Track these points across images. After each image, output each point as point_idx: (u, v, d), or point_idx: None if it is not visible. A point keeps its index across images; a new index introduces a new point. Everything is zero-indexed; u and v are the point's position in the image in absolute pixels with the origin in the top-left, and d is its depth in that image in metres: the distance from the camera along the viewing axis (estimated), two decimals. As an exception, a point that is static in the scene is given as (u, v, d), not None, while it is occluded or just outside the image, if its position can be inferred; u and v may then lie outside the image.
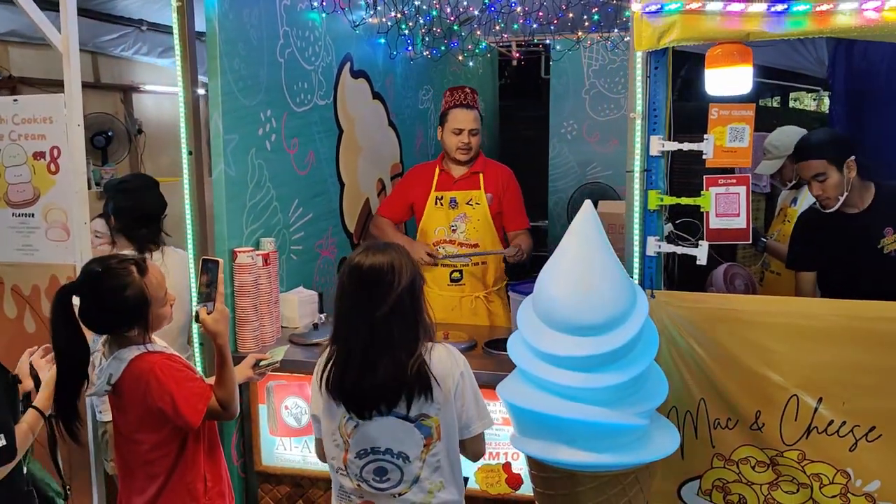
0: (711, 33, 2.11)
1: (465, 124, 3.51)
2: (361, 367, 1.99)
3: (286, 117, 3.35)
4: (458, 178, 3.59)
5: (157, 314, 2.16)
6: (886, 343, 2.29)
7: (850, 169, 2.85)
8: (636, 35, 2.22)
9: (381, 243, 2.09)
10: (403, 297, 1.98)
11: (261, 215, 3.16)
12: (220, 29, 2.85)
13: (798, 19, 1.99)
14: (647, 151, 2.43)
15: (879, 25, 1.92)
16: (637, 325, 2.12)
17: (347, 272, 2.03)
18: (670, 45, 2.16)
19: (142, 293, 2.10)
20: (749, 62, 2.12)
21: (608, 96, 6.52)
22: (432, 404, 2.02)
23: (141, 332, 2.13)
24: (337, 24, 3.80)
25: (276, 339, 3.12)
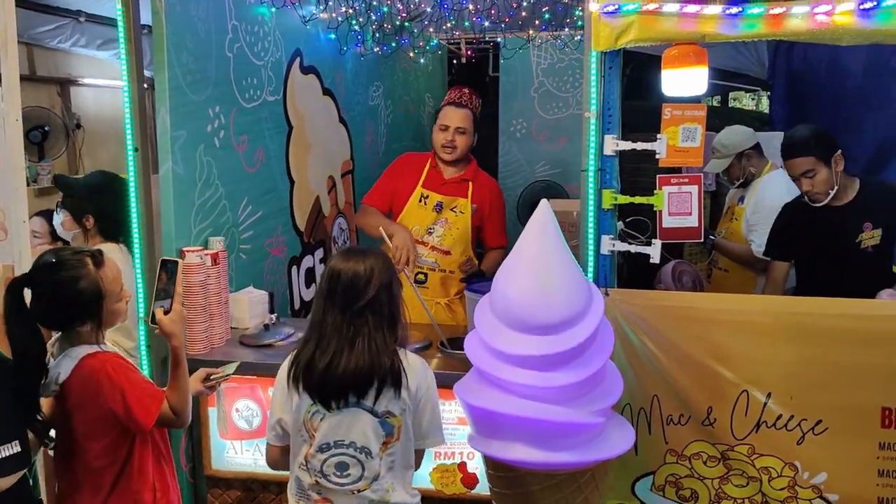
0: (668, 34, 2.14)
1: (451, 122, 3.39)
2: (334, 354, 2.00)
3: (235, 113, 3.28)
4: (447, 179, 3.46)
5: (111, 309, 2.09)
6: (831, 339, 2.35)
7: (837, 163, 2.95)
8: (594, 35, 2.23)
9: (361, 248, 2.13)
10: (380, 293, 2.02)
11: (209, 214, 3.09)
12: (167, 21, 2.77)
13: (752, 22, 2.03)
14: (600, 151, 2.44)
15: (830, 29, 1.97)
16: (593, 324, 2.13)
17: (327, 276, 2.06)
18: (627, 45, 2.18)
19: (96, 286, 2.03)
20: (704, 63, 2.15)
21: (557, 95, 6.57)
22: (399, 402, 2.03)
23: (93, 328, 2.06)
24: (287, 18, 3.73)
25: (225, 340, 3.05)
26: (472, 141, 3.45)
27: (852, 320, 2.34)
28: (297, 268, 3.98)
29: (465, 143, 3.40)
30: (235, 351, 2.98)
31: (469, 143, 3.43)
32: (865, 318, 2.34)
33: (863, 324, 2.34)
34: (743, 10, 2.02)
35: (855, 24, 1.93)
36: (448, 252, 3.43)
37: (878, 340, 2.31)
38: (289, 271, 3.89)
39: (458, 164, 3.47)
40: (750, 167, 3.62)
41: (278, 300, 3.73)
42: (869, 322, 2.34)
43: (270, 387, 2.85)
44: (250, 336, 3.06)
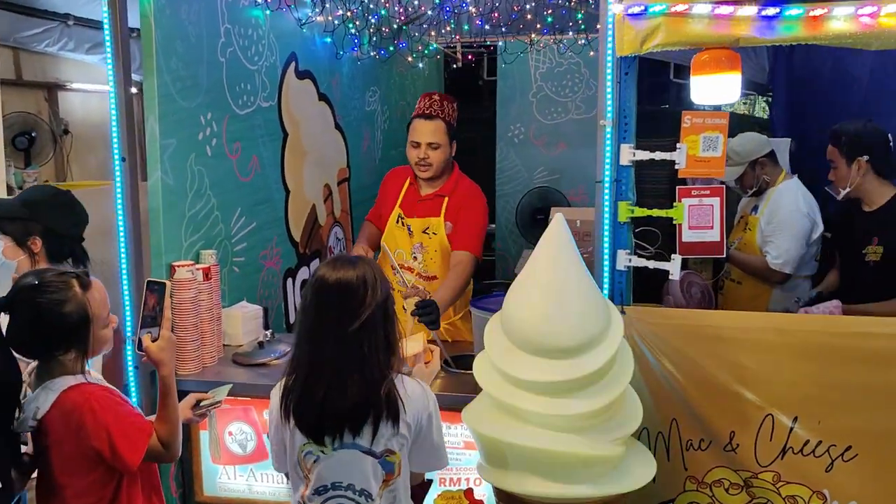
0: (698, 38, 2.00)
1: (422, 137, 3.13)
2: (328, 387, 1.84)
3: (228, 120, 3.14)
4: (423, 197, 3.23)
5: (97, 336, 1.94)
6: (861, 359, 2.22)
7: (859, 167, 2.92)
8: (617, 38, 2.10)
9: (349, 256, 1.95)
10: (376, 313, 1.84)
11: (201, 226, 2.94)
12: (156, 25, 2.63)
13: (790, 24, 1.90)
14: (616, 161, 2.30)
15: (875, 32, 1.84)
16: (613, 347, 2.00)
17: (313, 287, 1.88)
18: (654, 49, 2.04)
19: (83, 310, 1.88)
20: (738, 69, 2.02)
21: (555, 99, 6.44)
22: (398, 438, 1.88)
23: (78, 357, 1.91)
24: (281, 21, 3.59)
25: (217, 358, 2.90)
26: (450, 152, 3.20)
27: (884, 339, 2.21)
28: (293, 280, 3.83)
29: (440, 157, 3.14)
30: (228, 370, 2.84)
31: (445, 155, 3.17)
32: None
33: (895, 343, 2.21)
34: (781, 11, 1.89)
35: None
36: (434, 277, 3.21)
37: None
38: (284, 284, 3.74)
39: (439, 179, 3.23)
40: (764, 175, 3.50)
41: (273, 314, 3.58)
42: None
43: (265, 409, 2.71)
44: (244, 354, 2.91)
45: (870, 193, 2.99)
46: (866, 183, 2.97)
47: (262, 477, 2.74)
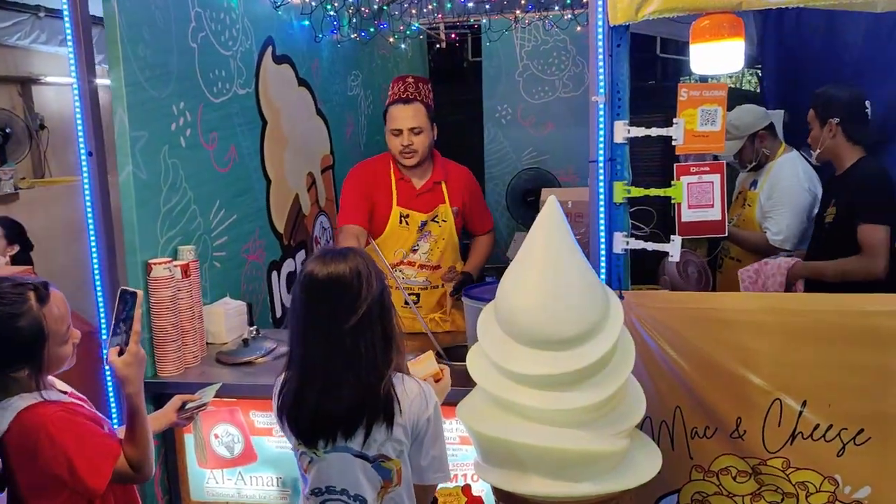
0: (698, 2, 1.87)
1: (403, 123, 3.00)
2: (322, 390, 1.74)
3: (202, 109, 3.00)
4: (419, 190, 3.10)
5: (54, 353, 1.80)
6: (873, 339, 2.12)
7: (830, 129, 2.91)
8: (610, 6, 1.97)
9: (339, 248, 1.82)
10: (372, 308, 1.73)
11: (177, 221, 2.81)
12: (119, 11, 2.48)
13: (796, -15, 1.78)
14: (610, 139, 2.18)
15: (888, -9, 1.73)
16: (613, 335, 1.89)
17: (302, 284, 1.76)
18: (651, 16, 1.91)
19: (38, 326, 1.75)
20: (741, 35, 1.90)
21: (542, 78, 6.31)
22: (392, 442, 1.78)
23: (32, 375, 1.77)
24: (256, 4, 3.45)
25: (201, 358, 2.78)
26: (433, 136, 3.07)
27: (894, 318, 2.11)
28: (278, 273, 3.71)
29: (424, 142, 3.02)
30: (212, 370, 2.73)
31: (429, 140, 3.05)
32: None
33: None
34: (785, -30, 1.77)
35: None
36: (437, 266, 3.14)
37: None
38: (268, 277, 3.62)
39: (424, 165, 3.11)
40: (763, 149, 3.40)
41: (258, 309, 3.47)
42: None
43: (252, 409, 2.61)
44: (228, 353, 2.80)
45: (839, 157, 2.96)
46: (837, 147, 2.94)
47: (251, 480, 2.64)
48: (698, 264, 3.75)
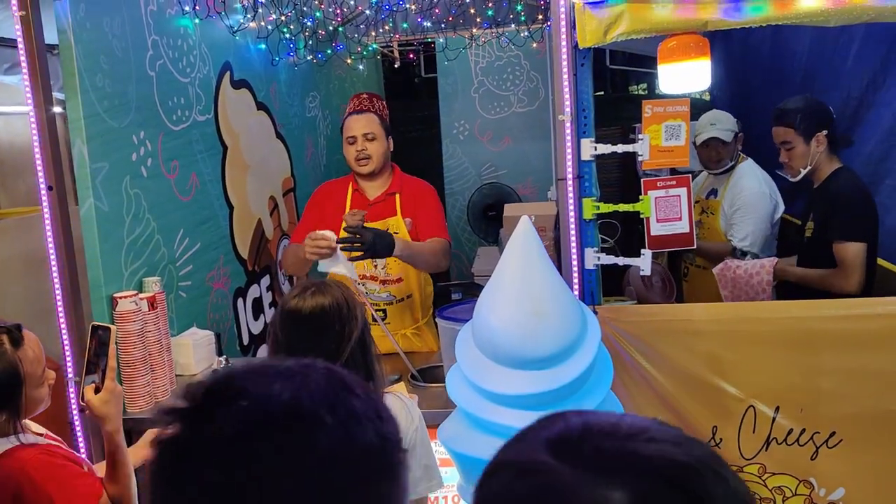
0: (664, 23, 1.91)
1: (356, 130, 2.99)
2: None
3: (162, 137, 2.96)
4: (373, 200, 3.07)
5: (31, 396, 1.75)
6: (841, 343, 2.18)
7: (818, 143, 2.83)
8: (579, 30, 1.99)
9: (317, 282, 1.81)
10: (355, 346, 1.73)
11: (142, 252, 2.76)
12: (76, 41, 2.44)
13: (758, 4, 1.82)
14: (577, 156, 2.21)
15: (846, 9, 1.78)
16: (591, 352, 1.90)
17: (284, 319, 1.74)
18: (619, 38, 1.94)
19: (14, 369, 1.70)
20: (707, 55, 1.94)
21: (497, 94, 6.38)
22: None
23: (10, 419, 1.72)
24: (212, 30, 3.41)
25: (170, 391, 2.72)
26: (388, 146, 3.07)
27: (862, 321, 2.18)
28: (244, 299, 3.66)
29: (379, 149, 3.00)
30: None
31: (384, 148, 3.03)
32: (877, 317, 2.17)
33: (874, 324, 2.17)
34: (747, -9, 1.82)
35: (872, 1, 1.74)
36: (400, 279, 3.08)
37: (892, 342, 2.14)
38: (234, 304, 3.57)
39: (381, 177, 3.07)
40: (738, 151, 3.46)
41: (225, 337, 3.41)
42: (881, 322, 2.17)
43: (226, 441, 2.56)
44: (198, 385, 2.74)
45: (818, 170, 2.92)
46: (818, 159, 2.89)
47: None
48: (661, 272, 3.81)
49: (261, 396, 0.77)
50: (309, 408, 0.77)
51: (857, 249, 2.70)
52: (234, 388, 0.79)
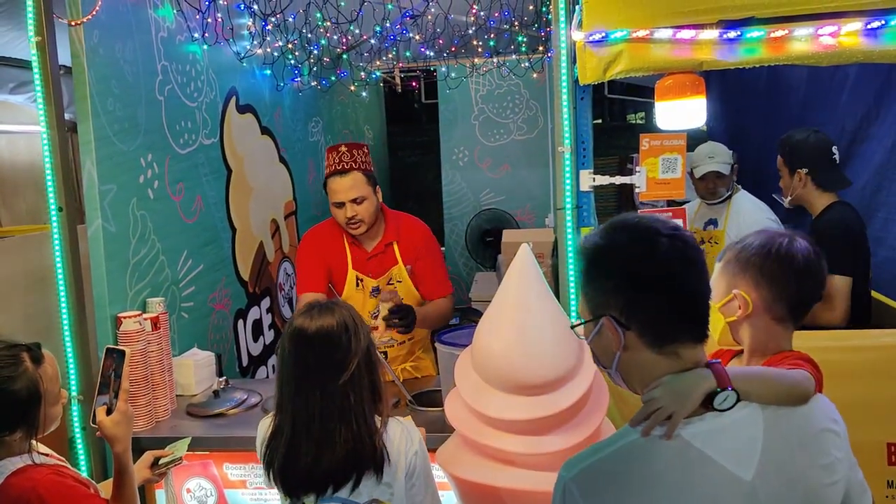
0: (661, 63, 1.98)
1: (343, 195, 2.87)
2: (318, 445, 1.73)
3: (169, 161, 3.01)
4: (371, 253, 3.01)
5: (48, 414, 1.78)
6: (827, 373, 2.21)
7: (799, 178, 2.91)
8: (580, 67, 2.06)
9: (325, 301, 1.83)
10: (361, 362, 1.76)
11: (146, 273, 2.81)
12: (89, 66, 2.50)
13: (752, 46, 1.89)
14: (576, 187, 2.27)
15: (836, 52, 1.84)
16: (589, 378, 1.94)
17: (291, 338, 1.77)
18: (618, 76, 2.01)
19: (34, 387, 1.72)
20: (702, 93, 2.01)
21: (497, 121, 6.47)
22: (383, 487, 1.79)
23: (25, 437, 1.75)
24: (220, 56, 3.49)
25: (171, 411, 2.75)
26: (377, 200, 2.97)
27: (850, 352, 2.22)
28: (244, 321, 3.70)
29: (368, 210, 2.90)
30: (183, 423, 2.70)
31: (374, 206, 2.93)
32: (864, 349, 2.22)
33: (861, 356, 2.21)
34: (742, 34, 1.88)
35: (861, 45, 1.81)
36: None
37: (878, 372, 2.19)
38: (234, 326, 3.60)
39: (375, 228, 2.99)
40: (734, 181, 3.53)
41: (225, 357, 3.44)
42: (868, 353, 2.21)
43: (225, 462, 2.59)
44: (198, 405, 2.77)
45: (811, 204, 2.98)
46: (807, 194, 2.96)
47: (224, 534, 2.60)
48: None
49: None
50: None
51: (841, 282, 2.73)
52: None
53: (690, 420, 1.23)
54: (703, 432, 1.22)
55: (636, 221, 1.30)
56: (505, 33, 4.16)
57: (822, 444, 1.31)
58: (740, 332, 1.58)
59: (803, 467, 1.27)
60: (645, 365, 1.28)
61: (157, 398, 2.68)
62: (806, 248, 1.54)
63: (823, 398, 1.42)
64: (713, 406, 1.22)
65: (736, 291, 1.53)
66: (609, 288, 1.28)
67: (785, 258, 1.51)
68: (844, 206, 2.96)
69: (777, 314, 1.53)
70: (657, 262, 1.23)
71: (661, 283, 1.23)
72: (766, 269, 1.52)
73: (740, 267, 1.54)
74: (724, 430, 1.23)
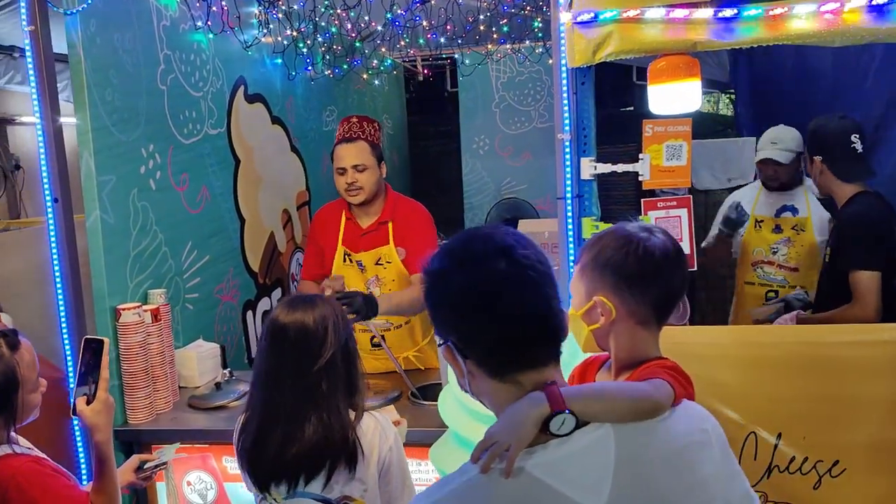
0: (654, 44, 1.89)
1: (346, 161, 2.90)
2: (284, 433, 1.72)
3: (172, 151, 2.99)
4: (365, 229, 3.00)
5: (26, 401, 1.78)
6: (844, 369, 2.12)
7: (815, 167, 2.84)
8: (568, 49, 1.98)
9: (306, 295, 1.83)
10: (336, 354, 1.74)
11: (147, 264, 2.79)
12: (85, 56, 2.47)
13: (749, 25, 1.80)
14: (577, 175, 2.19)
15: (840, 29, 1.74)
16: (584, 375, 1.88)
17: (268, 331, 1.77)
18: (607, 58, 1.93)
19: (11, 372, 1.73)
20: (697, 75, 1.92)
21: (518, 109, 6.37)
22: (355, 483, 1.75)
23: (5, 424, 1.75)
24: (227, 45, 3.45)
25: (173, 403, 2.74)
26: (381, 173, 2.97)
27: (867, 348, 2.12)
28: (253, 312, 3.68)
29: (369, 179, 2.91)
30: (184, 415, 2.68)
31: (375, 177, 2.94)
32: (881, 344, 2.12)
33: (879, 351, 2.11)
34: (738, 12, 1.79)
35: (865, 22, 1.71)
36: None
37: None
38: (243, 317, 3.58)
39: (374, 205, 3.00)
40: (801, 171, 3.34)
41: (233, 350, 3.43)
42: (885, 349, 2.11)
43: (225, 455, 2.56)
44: (200, 398, 2.75)
45: (835, 193, 2.87)
46: (828, 183, 2.86)
47: (225, 527, 2.59)
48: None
49: None
50: None
51: (870, 278, 2.62)
52: None
53: (533, 449, 1.11)
54: (548, 462, 1.11)
55: (467, 244, 1.18)
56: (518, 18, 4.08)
57: (687, 459, 1.18)
58: (605, 339, 1.44)
59: (665, 488, 1.15)
60: (491, 392, 1.18)
61: (158, 390, 2.67)
62: (663, 242, 1.37)
63: (692, 405, 1.29)
64: (551, 432, 1.11)
65: (597, 298, 1.38)
66: (442, 317, 1.19)
67: (644, 257, 1.35)
68: (868, 197, 2.82)
69: (641, 318, 1.39)
70: (479, 290, 1.12)
71: (486, 312, 1.12)
72: (625, 271, 1.37)
73: (598, 270, 1.38)
74: (571, 457, 1.12)
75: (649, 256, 1.35)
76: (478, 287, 1.12)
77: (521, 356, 1.15)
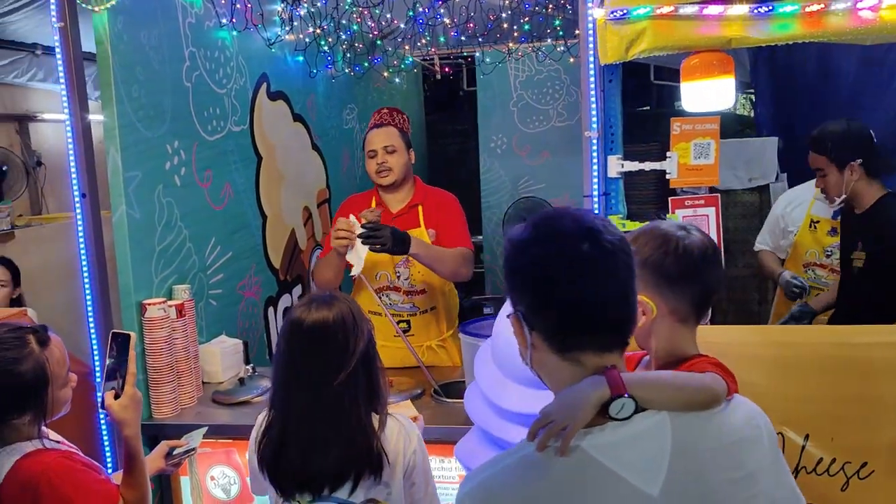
0: (687, 41, 1.88)
1: (377, 143, 3.01)
2: (307, 448, 1.69)
3: (196, 147, 3.00)
4: (396, 213, 3.08)
5: (56, 397, 1.80)
6: (874, 370, 2.10)
7: (852, 171, 2.72)
8: (600, 45, 1.97)
9: (325, 294, 1.79)
10: (356, 362, 1.70)
11: (172, 259, 2.80)
12: (113, 52, 2.49)
13: (785, 22, 1.78)
14: (604, 173, 2.18)
15: (877, 26, 1.73)
16: (611, 373, 1.87)
17: (287, 330, 1.74)
18: (640, 55, 1.92)
19: (41, 369, 1.74)
20: (731, 72, 1.90)
21: (536, 108, 6.35)
22: (381, 487, 1.75)
23: (34, 421, 1.76)
24: (250, 42, 3.46)
25: (196, 398, 2.76)
26: (409, 158, 3.08)
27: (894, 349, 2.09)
28: (274, 309, 3.70)
29: (399, 161, 3.02)
30: (208, 410, 2.70)
31: (405, 160, 3.05)
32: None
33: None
34: (773, 8, 1.77)
35: (905, 18, 1.69)
36: (423, 291, 3.08)
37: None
38: (265, 313, 3.60)
39: (403, 190, 3.09)
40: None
41: (255, 346, 3.44)
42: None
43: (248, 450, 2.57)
44: (224, 393, 2.77)
45: (860, 196, 2.81)
46: (859, 186, 2.79)
47: (248, 522, 2.60)
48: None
49: None
50: None
51: None
52: None
53: (590, 430, 1.13)
54: (605, 444, 1.13)
55: (556, 219, 1.20)
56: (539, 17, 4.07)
57: (736, 455, 1.20)
58: (645, 338, 1.44)
59: (715, 482, 1.16)
60: (551, 368, 1.20)
61: (183, 385, 2.68)
62: (701, 241, 1.39)
63: (744, 401, 1.30)
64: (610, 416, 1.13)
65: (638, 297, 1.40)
66: (516, 285, 1.20)
67: (683, 255, 1.38)
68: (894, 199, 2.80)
69: (682, 316, 1.40)
70: (556, 266, 1.14)
71: (559, 287, 1.14)
72: (665, 270, 1.38)
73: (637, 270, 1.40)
74: (629, 441, 1.13)
75: (688, 255, 1.36)
76: (555, 262, 1.14)
77: (587, 338, 1.17)
